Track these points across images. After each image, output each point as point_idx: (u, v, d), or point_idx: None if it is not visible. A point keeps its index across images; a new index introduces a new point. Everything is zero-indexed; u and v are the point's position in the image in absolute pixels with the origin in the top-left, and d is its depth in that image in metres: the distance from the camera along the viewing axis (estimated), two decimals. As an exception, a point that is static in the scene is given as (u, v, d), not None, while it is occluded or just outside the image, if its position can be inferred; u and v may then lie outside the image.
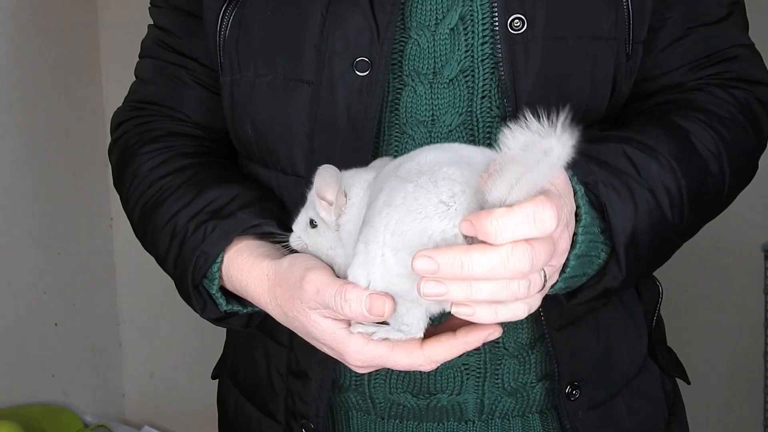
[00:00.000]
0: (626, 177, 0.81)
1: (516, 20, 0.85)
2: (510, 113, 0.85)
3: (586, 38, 0.87)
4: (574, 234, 0.75)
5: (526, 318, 0.91)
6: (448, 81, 0.88)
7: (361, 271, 0.69)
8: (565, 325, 0.92)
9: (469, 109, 0.88)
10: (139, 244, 1.00)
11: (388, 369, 0.91)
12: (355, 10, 0.86)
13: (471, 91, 0.87)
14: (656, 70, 0.95)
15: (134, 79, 1.08)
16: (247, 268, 0.84)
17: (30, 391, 2.15)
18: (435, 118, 0.88)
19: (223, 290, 0.89)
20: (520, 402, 0.94)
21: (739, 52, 0.96)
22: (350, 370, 0.92)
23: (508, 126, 0.62)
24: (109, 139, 1.07)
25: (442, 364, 0.81)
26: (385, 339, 0.72)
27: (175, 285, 0.93)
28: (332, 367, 0.92)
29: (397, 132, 0.89)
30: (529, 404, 0.95)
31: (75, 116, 2.25)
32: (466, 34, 0.87)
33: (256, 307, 0.87)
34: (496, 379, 0.93)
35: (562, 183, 0.70)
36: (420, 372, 0.91)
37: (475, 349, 0.90)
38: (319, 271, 0.74)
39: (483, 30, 0.87)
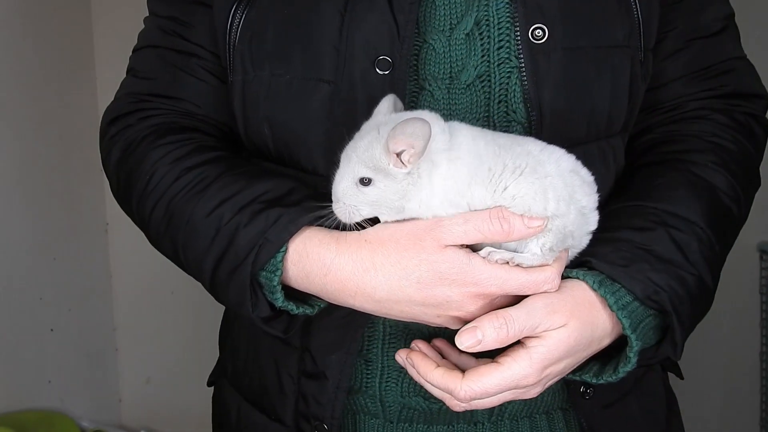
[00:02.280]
0: (677, 269, 0.86)
1: (537, 30, 0.86)
2: (535, 121, 0.87)
3: (603, 47, 0.89)
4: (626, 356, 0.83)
5: None
6: (465, 86, 0.88)
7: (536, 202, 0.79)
8: None
9: (486, 114, 0.89)
10: (135, 248, 0.98)
11: (401, 372, 0.92)
12: (374, 9, 0.86)
13: (488, 96, 0.88)
14: (659, 79, 0.98)
15: None
16: (333, 241, 0.82)
17: (26, 397, 2.15)
18: None
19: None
20: (528, 403, 0.95)
21: (735, 65, 1.01)
22: (363, 372, 0.93)
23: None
24: None
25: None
26: (518, 264, 0.80)
27: (213, 283, 0.88)
28: (351, 367, 0.91)
29: None
30: (537, 406, 0.96)
31: (69, 120, 2.24)
32: (482, 40, 0.88)
33: (307, 308, 0.86)
34: None
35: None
36: None
37: (488, 351, 0.92)
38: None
39: (499, 35, 0.88)
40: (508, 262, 0.79)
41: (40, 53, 2.15)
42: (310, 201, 0.85)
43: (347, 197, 0.79)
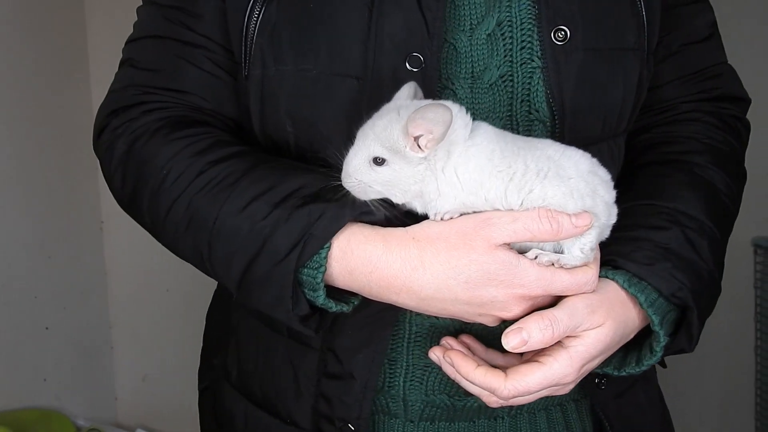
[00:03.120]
0: (694, 266, 0.89)
1: (560, 31, 0.88)
2: (558, 120, 0.88)
3: (618, 49, 0.92)
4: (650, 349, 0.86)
5: None
6: (488, 86, 0.89)
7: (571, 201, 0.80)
8: None
9: (509, 114, 0.89)
10: (130, 246, 0.96)
11: (425, 370, 0.93)
12: (402, 4, 0.86)
13: (511, 96, 0.89)
14: (654, 81, 1.01)
15: None
16: (380, 238, 0.81)
17: (22, 395, 2.15)
18: None
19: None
20: (545, 397, 0.95)
21: (722, 69, 1.06)
22: (387, 371, 0.94)
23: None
24: None
25: None
26: (562, 266, 0.81)
27: (243, 283, 0.85)
28: (379, 366, 0.91)
29: None
30: (553, 398, 0.97)
31: (64, 120, 2.24)
32: (504, 40, 0.89)
33: (343, 306, 0.85)
34: None
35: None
36: None
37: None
38: (498, 210, 0.80)
39: (521, 36, 0.88)
40: (553, 264, 0.80)
41: (35, 52, 2.15)
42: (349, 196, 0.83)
43: (359, 173, 0.79)
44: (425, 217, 0.82)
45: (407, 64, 0.85)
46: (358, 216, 0.82)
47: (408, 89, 0.81)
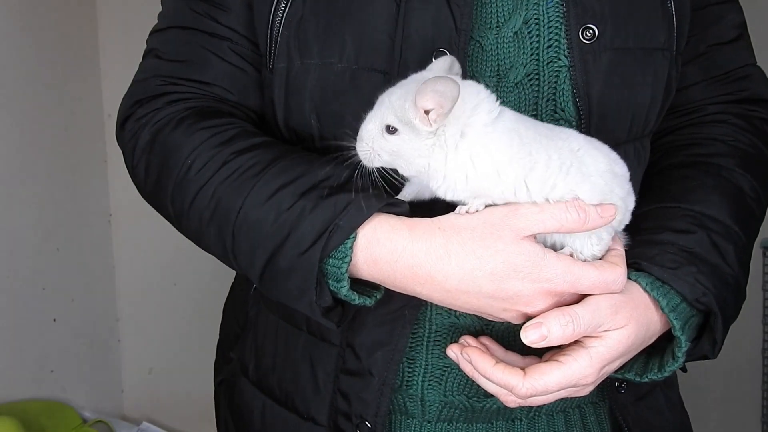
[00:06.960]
0: (720, 272, 0.88)
1: (588, 30, 0.87)
2: (584, 120, 0.88)
3: (647, 49, 0.91)
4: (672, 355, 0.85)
5: None
6: (514, 84, 0.88)
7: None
8: None
9: (534, 112, 0.89)
10: (138, 239, 0.95)
11: (444, 370, 0.92)
12: (430, 0, 0.85)
13: (536, 95, 0.88)
14: (681, 82, 1.00)
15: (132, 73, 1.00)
16: (406, 228, 0.80)
17: (29, 386, 2.15)
18: None
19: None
20: (563, 399, 0.95)
21: (750, 71, 1.04)
22: (405, 370, 0.93)
23: None
24: (108, 135, 0.99)
25: None
26: (585, 259, 0.82)
27: (266, 272, 0.84)
28: (397, 364, 0.90)
29: None
30: (571, 400, 0.97)
31: (74, 112, 2.24)
32: (531, 38, 0.88)
33: (366, 299, 0.84)
34: None
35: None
36: None
37: (537, 349, 0.92)
38: (526, 203, 0.80)
39: (549, 35, 0.88)
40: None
41: (45, 44, 2.15)
42: (373, 188, 0.83)
43: (370, 140, 0.79)
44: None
45: (433, 60, 0.84)
46: (384, 208, 0.81)
47: (443, 62, 0.80)
